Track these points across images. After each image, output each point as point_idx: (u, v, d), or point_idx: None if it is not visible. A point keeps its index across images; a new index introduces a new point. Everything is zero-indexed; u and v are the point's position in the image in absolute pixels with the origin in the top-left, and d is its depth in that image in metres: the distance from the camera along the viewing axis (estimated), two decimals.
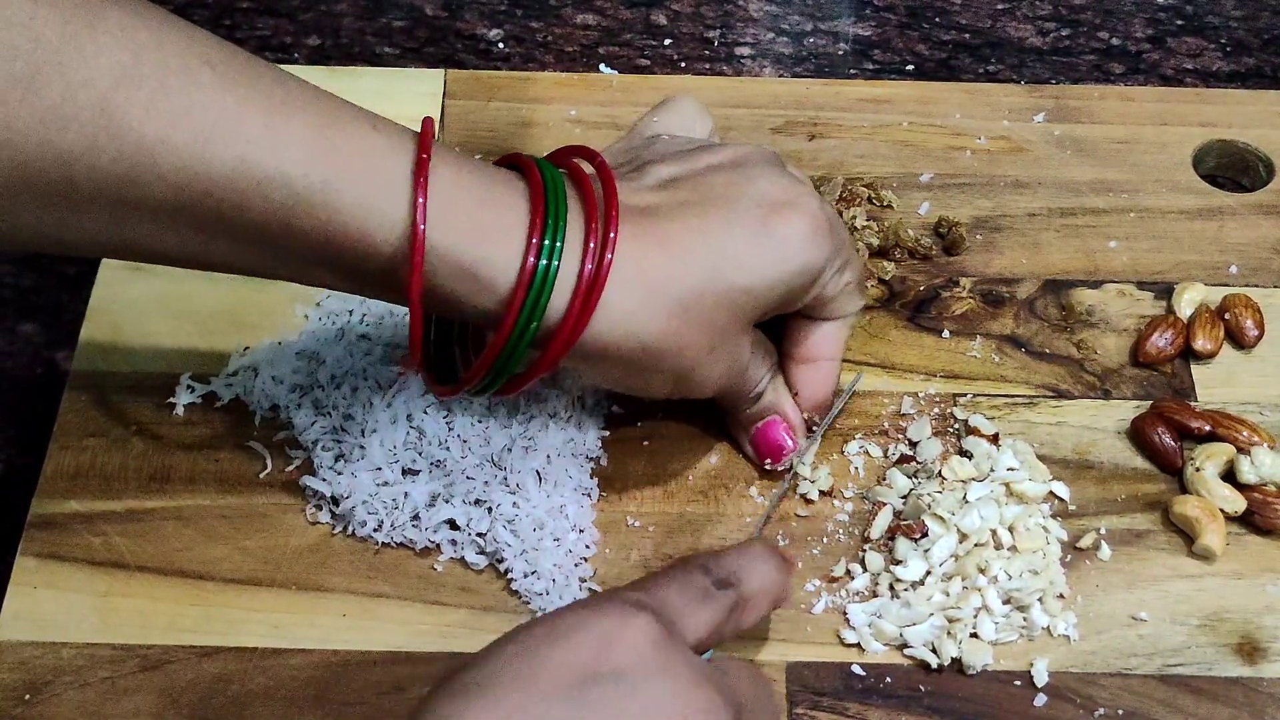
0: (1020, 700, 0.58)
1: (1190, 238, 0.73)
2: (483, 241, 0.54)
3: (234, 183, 0.52)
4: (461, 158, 0.56)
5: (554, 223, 0.55)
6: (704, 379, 0.59)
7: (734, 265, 0.57)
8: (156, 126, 0.50)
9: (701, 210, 0.58)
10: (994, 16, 0.89)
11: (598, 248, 0.55)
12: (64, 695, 0.57)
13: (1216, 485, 0.63)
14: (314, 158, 0.52)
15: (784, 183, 0.60)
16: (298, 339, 0.67)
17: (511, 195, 0.56)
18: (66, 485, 0.63)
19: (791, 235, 0.58)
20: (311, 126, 0.53)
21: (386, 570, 0.61)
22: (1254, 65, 0.86)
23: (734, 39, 0.88)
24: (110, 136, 0.50)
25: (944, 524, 0.61)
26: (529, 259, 0.54)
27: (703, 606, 0.51)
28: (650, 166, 0.60)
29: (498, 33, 0.88)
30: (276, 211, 0.52)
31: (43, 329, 0.75)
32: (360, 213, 0.53)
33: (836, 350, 0.64)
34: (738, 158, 0.61)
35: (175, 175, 0.51)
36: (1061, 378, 0.68)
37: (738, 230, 0.58)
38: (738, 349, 0.60)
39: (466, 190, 0.55)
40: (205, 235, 0.53)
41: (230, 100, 0.52)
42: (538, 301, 0.55)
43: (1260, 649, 0.59)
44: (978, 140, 0.77)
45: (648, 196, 0.58)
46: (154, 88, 0.50)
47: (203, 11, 0.89)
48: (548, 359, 0.56)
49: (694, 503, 0.64)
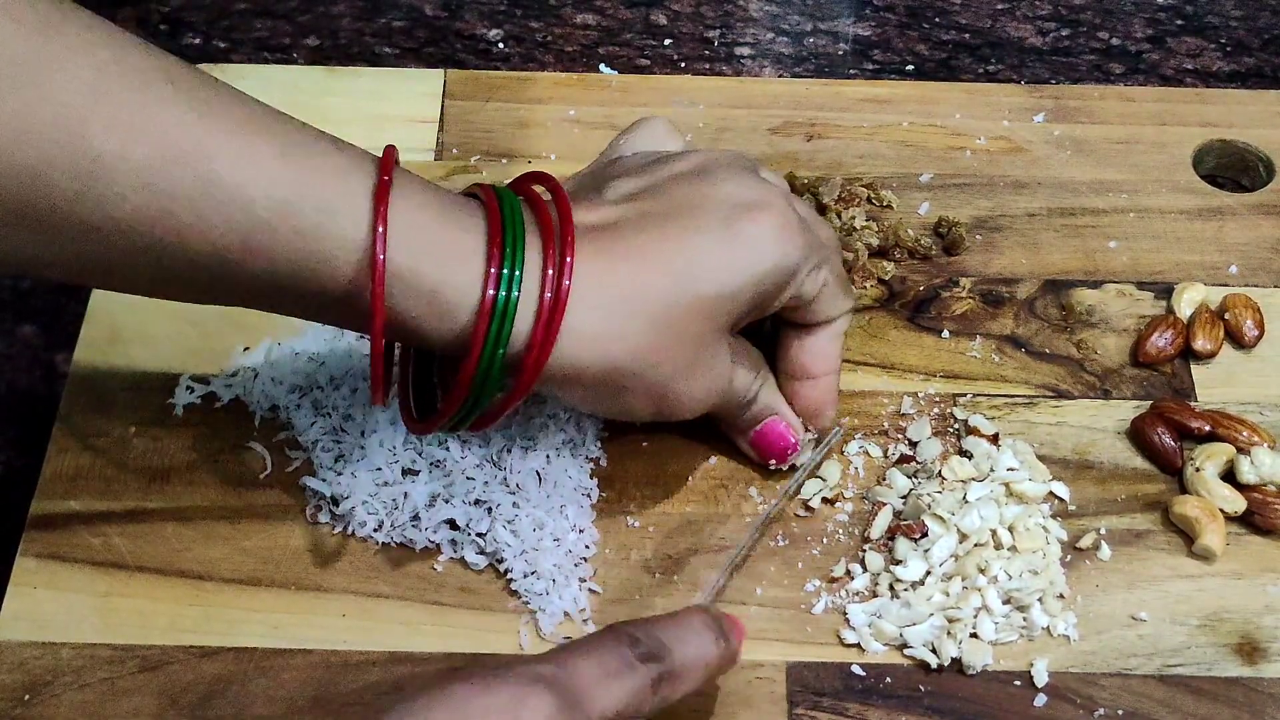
0: (1020, 700, 0.58)
1: (1190, 238, 0.73)
2: (445, 265, 0.54)
3: (194, 202, 0.51)
4: (422, 182, 0.55)
5: (511, 252, 0.54)
6: (685, 397, 0.58)
7: (702, 271, 0.56)
8: (116, 143, 0.50)
9: (664, 219, 0.57)
10: (994, 16, 0.89)
11: (555, 274, 0.54)
12: (63, 696, 0.57)
13: (1216, 485, 0.63)
14: (275, 177, 0.52)
15: (749, 183, 0.59)
16: (298, 339, 0.67)
17: (471, 220, 0.55)
18: (66, 486, 0.63)
19: (759, 234, 0.57)
20: (274, 145, 0.52)
21: (386, 570, 0.61)
22: (1254, 65, 0.86)
23: (734, 39, 0.88)
24: (69, 153, 0.49)
25: (944, 524, 0.61)
26: (488, 290, 0.54)
27: (619, 680, 0.50)
28: (612, 182, 0.59)
29: (497, 33, 0.88)
30: (237, 231, 0.52)
31: (42, 331, 0.75)
32: (321, 234, 0.52)
33: (832, 364, 0.63)
34: (702, 164, 0.60)
35: (135, 194, 0.50)
36: (1061, 378, 0.68)
37: (703, 236, 0.57)
38: (715, 360, 0.59)
39: (427, 213, 0.54)
40: (165, 256, 0.52)
41: (192, 117, 0.51)
42: (500, 332, 0.54)
43: (1260, 649, 0.59)
44: (978, 140, 0.77)
45: (607, 212, 0.57)
46: (114, 104, 0.50)
47: (201, 12, 0.89)
48: (518, 389, 0.55)
49: (694, 503, 0.63)
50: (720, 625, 0.55)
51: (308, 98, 0.77)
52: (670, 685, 0.52)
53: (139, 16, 0.89)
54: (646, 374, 0.56)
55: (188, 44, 0.87)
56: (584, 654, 0.51)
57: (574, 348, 0.55)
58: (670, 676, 0.52)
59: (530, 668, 0.49)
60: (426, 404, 0.61)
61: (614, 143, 0.64)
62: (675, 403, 0.58)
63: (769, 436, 0.63)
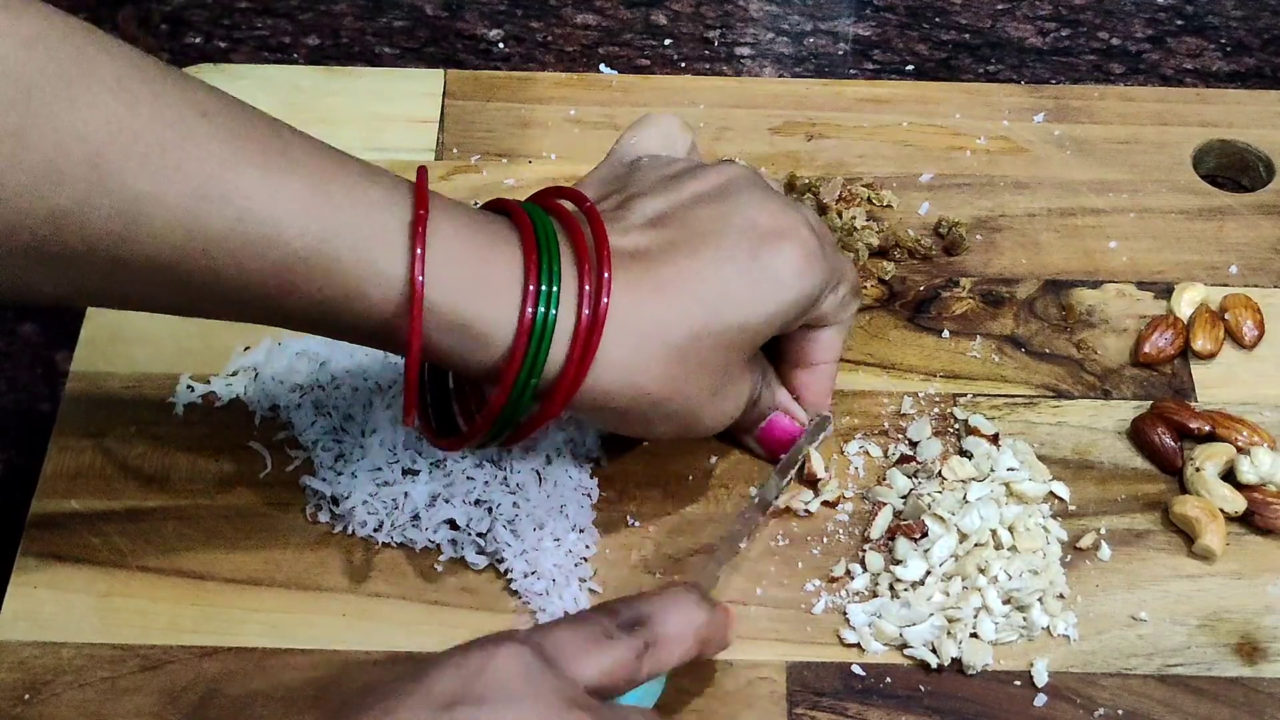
0: (1020, 700, 0.58)
1: (1190, 238, 0.73)
2: (480, 298, 0.54)
3: (229, 241, 0.51)
4: (455, 208, 0.55)
5: (549, 270, 0.54)
6: (709, 420, 0.59)
7: (728, 305, 0.57)
8: (151, 182, 0.49)
9: (691, 249, 0.57)
10: (994, 16, 0.89)
11: (593, 292, 0.54)
12: (64, 695, 0.57)
13: (1216, 485, 0.63)
14: (310, 214, 0.51)
15: (771, 208, 0.59)
16: (298, 339, 0.67)
17: (506, 246, 0.55)
18: (66, 485, 0.63)
19: (784, 267, 0.58)
20: (308, 180, 0.52)
21: (386, 570, 0.61)
22: (1254, 65, 0.86)
23: (734, 39, 0.88)
24: (104, 193, 0.49)
25: (944, 524, 0.61)
26: (527, 309, 0.53)
27: (600, 648, 0.50)
28: (635, 202, 0.59)
29: (498, 33, 0.88)
30: (273, 269, 0.51)
31: (42, 329, 0.75)
32: (358, 270, 0.52)
33: (835, 354, 0.64)
34: (722, 185, 0.59)
35: (170, 233, 0.50)
36: (1061, 378, 0.68)
37: (729, 267, 0.57)
38: (741, 385, 0.59)
39: (462, 244, 0.54)
40: (200, 291, 0.52)
41: (226, 153, 0.51)
42: (539, 351, 0.54)
43: (1260, 649, 0.59)
44: (978, 140, 0.77)
45: (637, 238, 0.57)
46: (149, 142, 0.49)
47: (202, 11, 0.89)
48: (550, 409, 0.55)
49: (694, 503, 0.63)
50: (705, 596, 0.55)
51: (308, 98, 0.77)
52: (656, 654, 0.52)
53: (139, 16, 0.89)
54: (673, 403, 0.57)
55: (188, 43, 0.87)
56: (564, 626, 0.51)
57: (604, 373, 0.55)
58: (655, 644, 0.52)
59: (507, 632, 0.50)
60: (443, 418, 0.60)
61: (622, 140, 0.64)
62: (699, 426, 0.59)
63: (774, 432, 0.63)
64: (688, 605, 0.54)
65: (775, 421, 0.63)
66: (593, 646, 0.50)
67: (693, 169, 0.61)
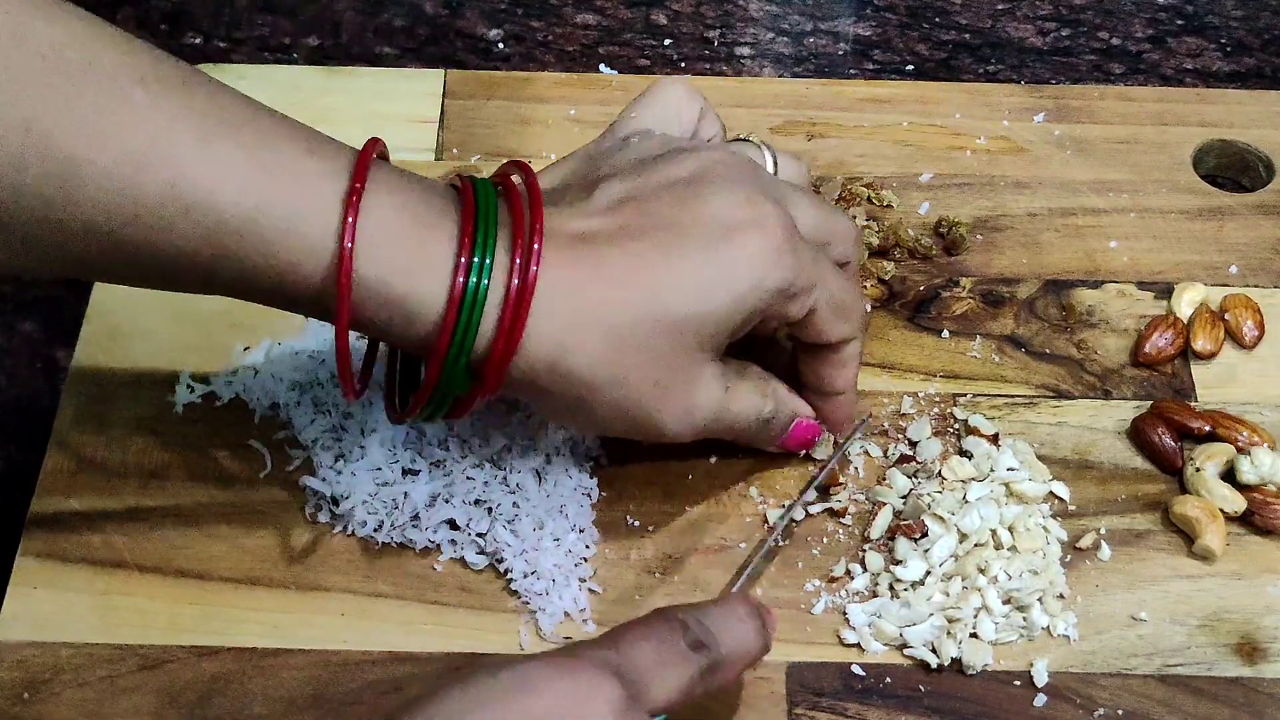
0: (1020, 700, 0.58)
1: (1190, 238, 0.73)
2: (412, 274, 0.53)
3: (162, 207, 0.51)
4: (397, 181, 0.55)
5: (483, 240, 0.54)
6: (659, 418, 0.57)
7: (671, 292, 0.55)
8: (85, 147, 0.50)
9: (641, 234, 0.56)
10: (994, 16, 0.89)
11: (522, 263, 0.54)
12: (63, 694, 0.57)
13: (1216, 485, 0.63)
14: (244, 184, 0.52)
15: (741, 199, 0.57)
16: (298, 338, 0.67)
17: (443, 221, 0.54)
18: (66, 484, 0.63)
19: (738, 258, 0.56)
20: (244, 148, 0.52)
21: (386, 570, 0.61)
22: (1254, 65, 0.86)
23: (734, 39, 0.88)
24: (37, 156, 0.50)
25: (944, 524, 0.61)
26: (458, 279, 0.53)
27: (675, 669, 0.50)
28: (602, 184, 0.58)
29: (498, 32, 0.88)
30: (205, 237, 0.52)
31: (42, 327, 0.75)
32: (289, 242, 0.52)
33: (844, 384, 0.63)
34: (698, 171, 0.58)
35: (104, 197, 0.50)
36: (1061, 378, 0.68)
37: (678, 256, 0.55)
38: (694, 384, 0.57)
39: (398, 220, 0.53)
40: (136, 258, 0.52)
41: (162, 120, 0.51)
42: (469, 323, 0.53)
43: (1260, 649, 0.59)
44: (978, 140, 0.77)
45: (587, 222, 0.56)
46: (84, 108, 0.50)
47: (202, 11, 0.89)
48: (487, 380, 0.55)
49: (694, 503, 0.63)
50: (761, 616, 0.54)
51: (308, 97, 0.77)
52: (715, 675, 0.52)
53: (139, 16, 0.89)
54: (608, 390, 0.56)
55: (188, 43, 0.87)
56: (641, 640, 0.51)
57: (534, 352, 0.54)
58: (716, 666, 0.52)
59: (598, 653, 0.49)
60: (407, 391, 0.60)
61: (623, 113, 0.63)
62: (649, 424, 0.57)
63: (795, 438, 0.63)
64: (750, 628, 0.53)
65: (794, 430, 0.63)
66: (667, 668, 0.50)
67: (672, 153, 0.59)
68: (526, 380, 0.55)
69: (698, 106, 0.64)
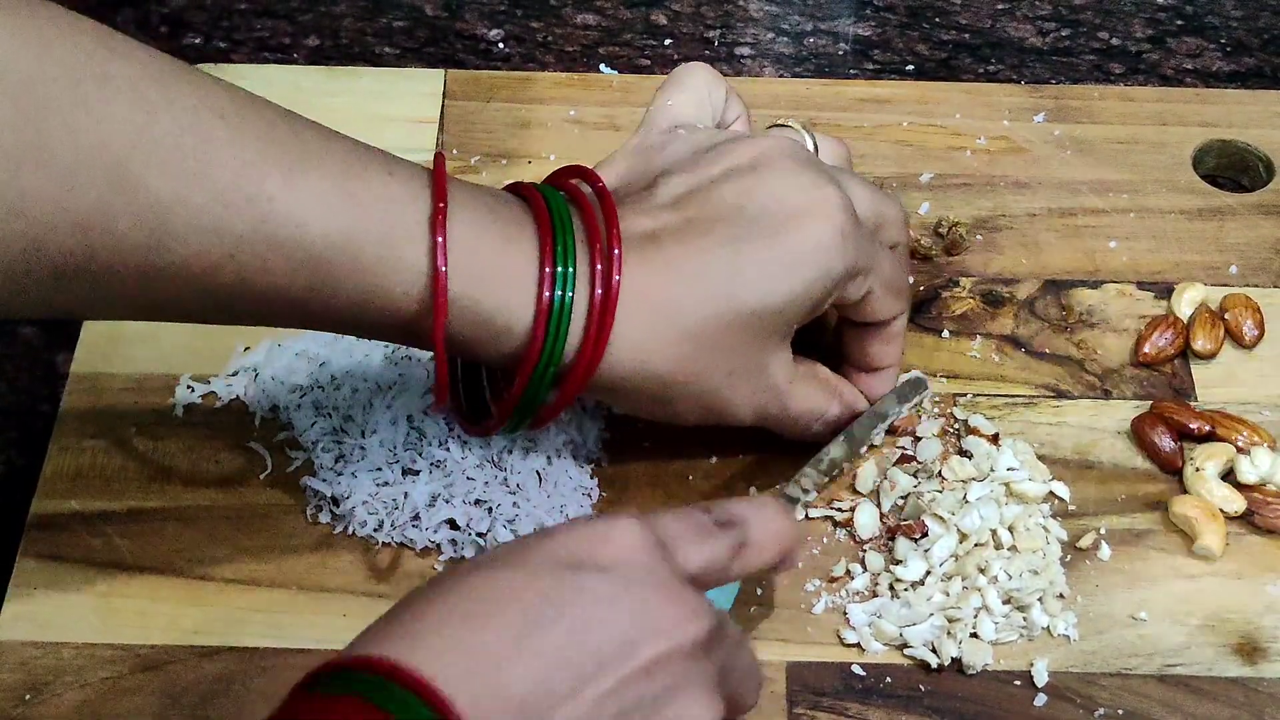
0: (1020, 700, 0.58)
1: (1190, 238, 0.73)
2: (499, 288, 0.54)
3: (254, 243, 0.51)
4: (472, 198, 0.55)
5: (564, 252, 0.54)
6: (732, 404, 0.58)
7: (741, 286, 0.56)
8: (173, 187, 0.49)
9: (708, 228, 0.56)
10: (994, 16, 0.89)
11: (604, 271, 0.54)
12: (64, 695, 0.57)
13: (1216, 485, 0.63)
14: (333, 212, 0.52)
15: (805, 183, 0.58)
16: (298, 339, 0.67)
17: (520, 233, 0.55)
18: (66, 486, 0.63)
19: (804, 245, 0.57)
20: (330, 179, 0.52)
21: (386, 570, 0.61)
22: (1254, 65, 0.86)
23: (734, 39, 0.88)
24: (127, 200, 0.49)
25: (944, 524, 0.61)
26: (544, 292, 0.54)
27: (700, 539, 0.50)
28: (662, 181, 0.58)
29: (498, 33, 0.88)
30: (298, 269, 0.52)
31: (42, 331, 0.75)
32: (381, 267, 0.53)
33: (889, 359, 0.63)
34: (757, 158, 0.58)
35: (196, 238, 0.50)
36: (1061, 378, 0.68)
37: (745, 247, 0.56)
38: (763, 371, 0.58)
39: (482, 236, 0.54)
40: (229, 295, 0.52)
41: (248, 156, 0.51)
42: (558, 334, 0.54)
43: (1260, 649, 0.59)
44: (978, 140, 0.77)
45: (652, 220, 0.57)
46: (169, 148, 0.49)
47: (201, 13, 0.89)
48: (568, 391, 0.55)
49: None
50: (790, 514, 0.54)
51: (308, 98, 0.77)
52: (746, 555, 0.51)
53: (139, 17, 0.89)
54: (689, 385, 0.57)
55: (188, 44, 0.87)
56: (668, 515, 0.50)
57: (616, 356, 0.55)
58: (746, 545, 0.51)
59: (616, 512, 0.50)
60: (475, 405, 0.61)
61: (656, 104, 0.63)
62: (723, 410, 0.59)
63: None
64: (777, 514, 0.53)
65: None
66: (696, 537, 0.50)
67: (726, 143, 0.60)
68: (610, 384, 0.56)
69: (723, 90, 0.64)
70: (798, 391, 0.60)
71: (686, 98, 0.63)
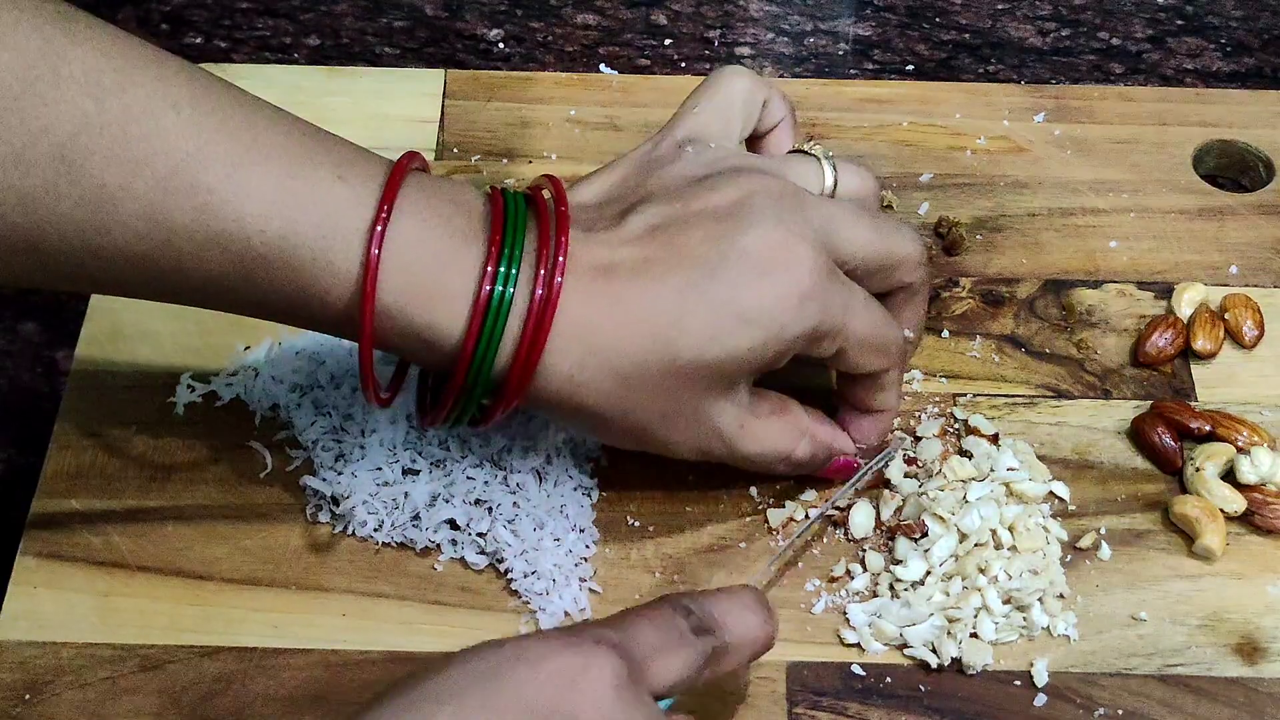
0: (1020, 700, 0.58)
1: (1190, 238, 0.73)
2: (433, 306, 0.54)
3: (193, 233, 0.52)
4: (428, 200, 0.55)
5: (509, 251, 0.54)
6: (667, 442, 0.58)
7: (681, 335, 0.55)
8: (117, 174, 0.51)
9: (663, 273, 0.55)
10: (994, 16, 0.89)
11: (547, 273, 0.54)
12: (64, 695, 0.57)
13: (1216, 485, 0.63)
14: (272, 211, 0.52)
15: (775, 238, 0.56)
16: (298, 339, 0.67)
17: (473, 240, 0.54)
18: (67, 485, 0.63)
19: (760, 304, 0.55)
20: (274, 176, 0.52)
21: (386, 570, 0.61)
22: (1254, 65, 0.87)
23: (734, 39, 0.88)
24: (71, 183, 0.50)
25: (944, 524, 0.61)
26: (484, 286, 0.54)
27: (677, 650, 0.50)
28: (638, 208, 0.57)
29: (498, 33, 0.88)
30: (234, 262, 0.52)
31: (43, 328, 0.75)
32: (315, 270, 0.53)
33: (885, 405, 0.62)
34: (737, 201, 0.57)
35: (137, 222, 0.51)
36: (1061, 378, 0.68)
37: (695, 296, 0.55)
38: (701, 415, 0.57)
39: (423, 244, 0.54)
40: (167, 279, 0.53)
41: (193, 148, 0.51)
42: (494, 328, 0.54)
43: (1260, 649, 0.59)
44: (978, 140, 0.77)
45: (613, 253, 0.56)
46: (115, 135, 0.51)
47: (202, 12, 0.89)
48: (508, 392, 0.55)
49: (694, 503, 0.63)
50: (768, 606, 0.54)
51: (308, 98, 0.77)
52: (719, 661, 0.51)
53: (139, 16, 0.89)
54: (621, 421, 0.57)
55: (188, 43, 0.87)
56: (644, 622, 0.50)
57: (547, 383, 0.55)
58: (720, 652, 0.51)
59: (601, 631, 0.49)
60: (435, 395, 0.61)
61: (684, 110, 0.62)
62: (658, 444, 0.58)
63: (831, 471, 0.63)
64: (755, 614, 0.53)
65: (833, 466, 0.62)
66: (670, 650, 0.50)
67: (717, 177, 0.58)
68: (544, 402, 0.56)
69: (762, 96, 0.63)
70: (752, 434, 0.59)
71: (715, 109, 0.62)
